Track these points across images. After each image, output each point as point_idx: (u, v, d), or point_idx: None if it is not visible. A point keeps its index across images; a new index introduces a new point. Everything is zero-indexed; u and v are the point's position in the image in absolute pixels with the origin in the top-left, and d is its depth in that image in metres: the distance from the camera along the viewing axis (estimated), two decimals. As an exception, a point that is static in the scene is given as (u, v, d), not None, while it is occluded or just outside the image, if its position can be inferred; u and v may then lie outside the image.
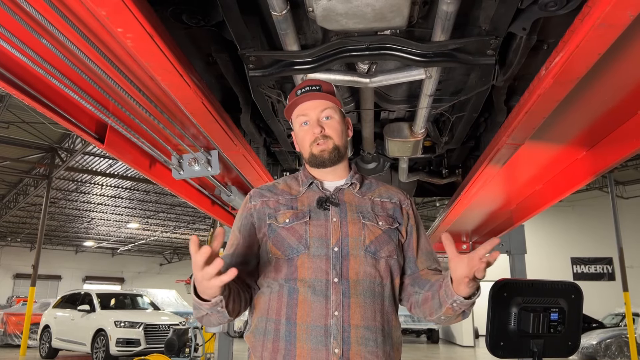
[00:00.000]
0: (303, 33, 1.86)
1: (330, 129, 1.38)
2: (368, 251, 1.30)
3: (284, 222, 1.33)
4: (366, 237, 1.31)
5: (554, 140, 2.19)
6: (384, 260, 1.31)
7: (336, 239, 1.29)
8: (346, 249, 1.28)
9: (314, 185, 1.41)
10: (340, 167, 1.43)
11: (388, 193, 1.46)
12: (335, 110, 1.41)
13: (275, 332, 1.25)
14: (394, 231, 1.37)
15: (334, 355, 1.19)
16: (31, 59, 1.30)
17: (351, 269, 1.27)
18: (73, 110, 1.67)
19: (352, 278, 1.26)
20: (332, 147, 1.37)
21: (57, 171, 12.99)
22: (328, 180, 1.43)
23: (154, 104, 1.70)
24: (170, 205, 17.11)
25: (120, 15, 1.00)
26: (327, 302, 1.23)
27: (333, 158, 1.38)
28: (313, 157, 1.39)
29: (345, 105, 2.52)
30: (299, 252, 1.28)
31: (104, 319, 9.84)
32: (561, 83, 1.32)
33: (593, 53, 1.17)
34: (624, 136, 1.90)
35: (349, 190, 1.41)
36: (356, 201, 1.39)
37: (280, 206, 1.38)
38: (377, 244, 1.32)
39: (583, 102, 1.85)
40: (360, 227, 1.33)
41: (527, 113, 1.53)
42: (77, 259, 26.62)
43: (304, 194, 1.40)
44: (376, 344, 1.23)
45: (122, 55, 1.42)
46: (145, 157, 2.22)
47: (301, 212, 1.34)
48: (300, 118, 1.41)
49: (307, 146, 1.40)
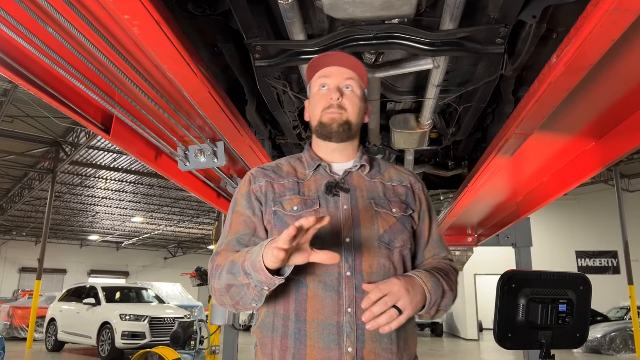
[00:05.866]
0: (309, 22, 1.84)
1: (347, 101, 1.28)
2: (382, 241, 1.21)
3: (291, 209, 1.22)
4: (380, 227, 1.22)
5: (563, 130, 2.17)
6: (398, 251, 1.23)
7: (348, 229, 1.20)
8: (359, 239, 1.19)
9: (321, 168, 1.30)
10: (349, 147, 1.33)
11: (399, 175, 1.36)
12: (358, 85, 1.31)
13: (283, 329, 1.17)
14: (407, 218, 1.28)
15: (347, 354, 1.12)
16: (37, 47, 1.30)
17: (364, 262, 1.18)
18: (79, 100, 1.66)
19: (365, 271, 1.17)
20: (344, 119, 1.27)
21: (62, 165, 13.04)
22: (335, 161, 1.33)
23: (160, 94, 1.69)
24: (175, 199, 17.15)
25: (126, 1, 0.99)
26: (340, 297, 1.14)
27: (341, 132, 1.27)
28: (321, 125, 1.29)
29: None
30: None
31: (109, 312, 9.90)
32: (573, 71, 1.31)
33: (607, 39, 1.15)
34: (633, 127, 1.88)
35: (358, 173, 1.32)
36: (367, 185, 1.30)
37: (286, 191, 1.27)
38: (391, 233, 1.23)
39: (592, 92, 1.82)
40: (373, 216, 1.23)
41: (537, 102, 1.51)
42: (81, 252, 26.78)
43: (311, 178, 1.29)
44: (390, 340, 1.16)
45: (128, 45, 1.41)
46: (151, 148, 2.21)
47: (309, 198, 1.24)
48: (322, 80, 1.31)
49: (319, 112, 1.30)
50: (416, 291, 1.13)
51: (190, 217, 20.01)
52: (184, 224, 21.29)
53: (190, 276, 6.93)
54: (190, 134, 2.05)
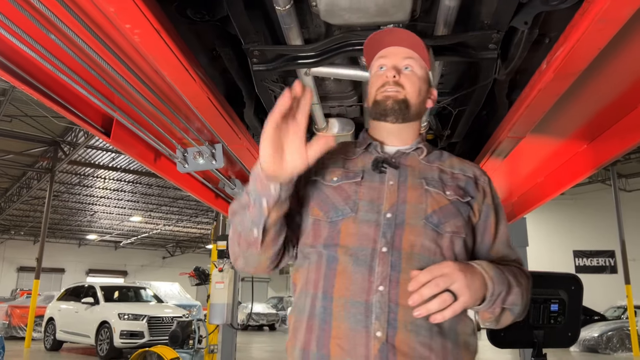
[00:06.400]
0: (306, 27, 1.88)
1: (406, 79, 1.18)
2: (429, 222, 1.07)
3: (331, 180, 1.13)
4: (428, 206, 1.09)
5: (555, 133, 2.21)
6: (449, 237, 1.08)
7: (390, 204, 1.08)
8: (402, 216, 1.07)
9: (372, 147, 1.20)
10: (407, 130, 1.21)
11: (461, 165, 1.23)
12: (419, 65, 1.20)
13: (311, 309, 1.05)
14: (464, 205, 1.13)
15: (376, 339, 0.97)
16: (40, 54, 1.33)
17: (405, 240, 1.04)
18: (80, 104, 1.69)
19: (405, 249, 1.03)
20: (401, 97, 1.16)
21: (60, 165, 13.05)
22: (390, 144, 1.22)
23: (159, 98, 1.72)
24: (173, 198, 17.17)
25: (128, 11, 1.02)
26: (371, 274, 1.01)
27: (397, 110, 1.15)
28: (375, 104, 1.19)
29: (348, 99, 2.54)
30: (344, 215, 1.08)
31: (107, 311, 9.93)
32: (562, 77, 1.34)
33: (593, 48, 1.19)
34: (624, 130, 1.92)
35: (413, 155, 1.20)
36: (421, 167, 1.18)
37: (329, 163, 1.17)
38: (442, 215, 1.09)
39: (584, 96, 1.86)
40: (421, 194, 1.11)
41: (528, 107, 1.55)
42: (80, 252, 26.77)
43: (360, 156, 1.19)
44: (431, 334, 0.99)
45: (128, 50, 1.44)
46: (150, 150, 2.24)
47: (352, 172, 1.14)
48: (380, 61, 1.22)
49: (374, 91, 1.20)
50: (474, 278, 0.98)
51: (189, 216, 20.04)
52: (183, 223, 21.31)
53: (189, 276, 6.95)
54: (189, 136, 2.09)
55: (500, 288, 1.01)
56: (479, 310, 1.05)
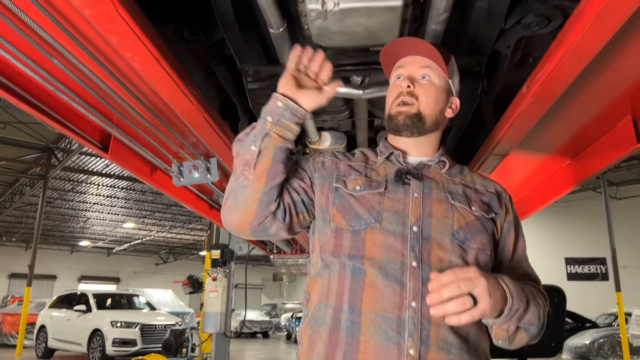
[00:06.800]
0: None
1: (421, 90, 1.15)
2: (456, 238, 1.05)
3: (354, 189, 1.10)
4: (454, 221, 1.07)
5: (540, 149, 2.29)
6: (474, 253, 1.06)
7: (416, 217, 1.05)
8: (428, 231, 1.04)
9: (394, 157, 1.17)
10: (426, 142, 1.19)
11: (483, 181, 1.22)
12: (437, 74, 1.18)
13: (334, 321, 1.01)
14: (489, 221, 1.12)
15: (409, 356, 0.94)
16: (42, 77, 1.38)
17: (434, 255, 1.02)
18: (79, 122, 1.75)
19: (434, 264, 1.01)
20: (413, 112, 1.14)
21: (54, 171, 13.02)
22: (411, 154, 1.19)
23: (156, 116, 1.78)
24: (167, 205, 17.15)
25: (129, 42, 1.08)
26: (403, 289, 0.98)
27: (410, 125, 1.13)
28: (389, 118, 1.19)
29: (340, 114, 2.60)
30: (368, 225, 1.05)
31: (100, 319, 9.89)
32: (541, 101, 1.42)
33: (568, 76, 1.27)
34: (604, 147, 2.00)
35: (435, 168, 1.17)
36: (444, 180, 1.15)
37: (351, 171, 1.15)
38: (468, 231, 1.07)
39: (566, 114, 1.94)
40: (447, 209, 1.08)
41: (510, 127, 1.62)
42: (72, 258, 26.60)
43: (381, 165, 1.17)
44: (461, 352, 0.98)
45: (127, 72, 1.50)
46: (146, 165, 2.30)
47: (375, 181, 1.12)
48: (397, 71, 1.22)
49: (389, 104, 1.20)
50: (497, 287, 0.96)
51: (182, 223, 20.00)
52: (176, 229, 21.26)
53: (182, 284, 6.97)
54: (185, 151, 2.15)
55: (519, 304, 0.99)
56: (494, 325, 1.03)
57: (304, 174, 1.17)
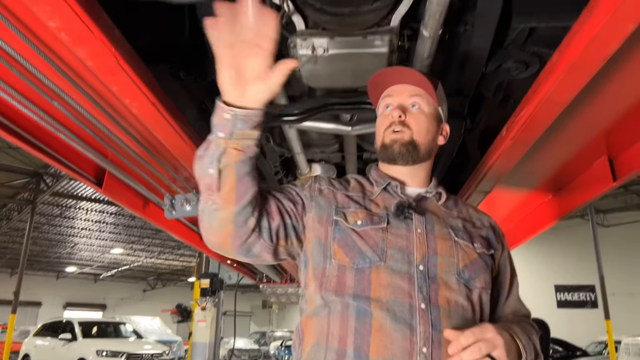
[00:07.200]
0: (291, 86, 2.02)
1: (412, 118, 1.14)
2: (462, 277, 1.02)
3: (355, 223, 1.05)
4: (460, 259, 1.04)
5: (523, 184, 2.36)
6: (478, 293, 1.04)
7: (422, 255, 1.02)
8: (434, 269, 1.01)
9: (391, 188, 1.14)
10: (420, 171, 1.17)
11: (478, 215, 1.21)
12: (427, 102, 1.17)
13: None
14: (489, 258, 1.10)
15: None
16: (42, 117, 1.43)
17: (441, 296, 0.98)
18: (75, 158, 1.79)
19: (442, 307, 0.97)
20: (407, 139, 1.12)
21: (42, 196, 12.92)
22: (407, 185, 1.17)
23: (150, 153, 1.83)
24: (156, 230, 17.02)
25: (128, 90, 1.14)
26: (413, 333, 0.93)
27: (405, 153, 1.12)
28: (382, 147, 1.16)
29: (330, 147, 2.68)
30: (373, 263, 1.00)
31: (85, 348, 9.71)
32: (519, 144, 1.49)
33: (544, 122, 1.34)
34: (583, 184, 2.08)
35: (432, 200, 1.16)
36: (444, 214, 1.13)
37: (350, 203, 1.10)
38: (473, 270, 1.05)
39: (546, 153, 2.02)
40: (452, 245, 1.06)
41: (490, 168, 1.69)
42: (58, 285, 26.11)
43: (379, 196, 1.12)
44: None
45: (124, 113, 1.55)
46: (139, 198, 2.33)
47: (377, 215, 1.07)
48: (386, 100, 1.20)
49: (381, 133, 1.17)
50: (512, 345, 0.95)
51: (171, 248, 19.82)
52: (165, 255, 21.05)
53: (171, 313, 6.89)
54: (177, 185, 2.19)
55: (531, 357, 0.99)
56: None
57: (297, 198, 1.11)
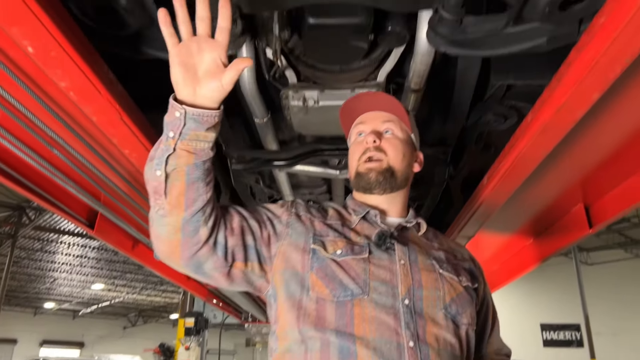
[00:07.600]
0: (282, 131, 2.10)
1: (388, 144, 1.09)
2: (448, 312, 0.97)
3: (334, 252, 0.97)
4: (446, 293, 0.98)
5: (505, 229, 2.44)
6: (465, 329, 0.98)
7: (407, 288, 0.95)
8: (419, 304, 0.94)
9: (370, 217, 1.07)
10: (397, 200, 1.12)
11: (457, 247, 1.18)
12: (400, 128, 1.13)
13: None
14: (474, 292, 1.06)
15: None
16: (40, 163, 1.47)
17: (429, 333, 0.91)
18: (68, 201, 1.82)
19: (431, 344, 0.90)
20: (384, 167, 1.07)
21: (24, 230, 12.69)
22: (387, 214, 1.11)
23: (141, 195, 1.87)
24: (139, 265, 16.71)
25: (129, 141, 1.19)
26: None
27: (382, 182, 1.06)
28: (357, 176, 1.10)
29: (318, 188, 2.74)
30: (355, 296, 0.92)
31: (61, 388, 9.35)
32: (499, 194, 1.57)
33: (521, 174, 1.42)
34: (561, 230, 2.16)
35: (413, 231, 1.11)
36: (423, 244, 1.08)
37: (329, 231, 1.02)
38: (459, 304, 0.99)
39: (525, 200, 2.10)
40: (437, 278, 0.99)
41: (473, 214, 1.76)
42: (35, 321, 25.24)
43: (357, 225, 1.06)
44: None
45: (122, 161, 1.60)
46: (129, 239, 2.35)
47: (357, 245, 1.00)
48: (358, 127, 1.15)
49: (355, 162, 1.11)
50: None
51: (154, 284, 19.42)
52: (147, 291, 20.59)
53: (153, 352, 6.72)
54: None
55: None
56: None
57: (267, 222, 1.03)
